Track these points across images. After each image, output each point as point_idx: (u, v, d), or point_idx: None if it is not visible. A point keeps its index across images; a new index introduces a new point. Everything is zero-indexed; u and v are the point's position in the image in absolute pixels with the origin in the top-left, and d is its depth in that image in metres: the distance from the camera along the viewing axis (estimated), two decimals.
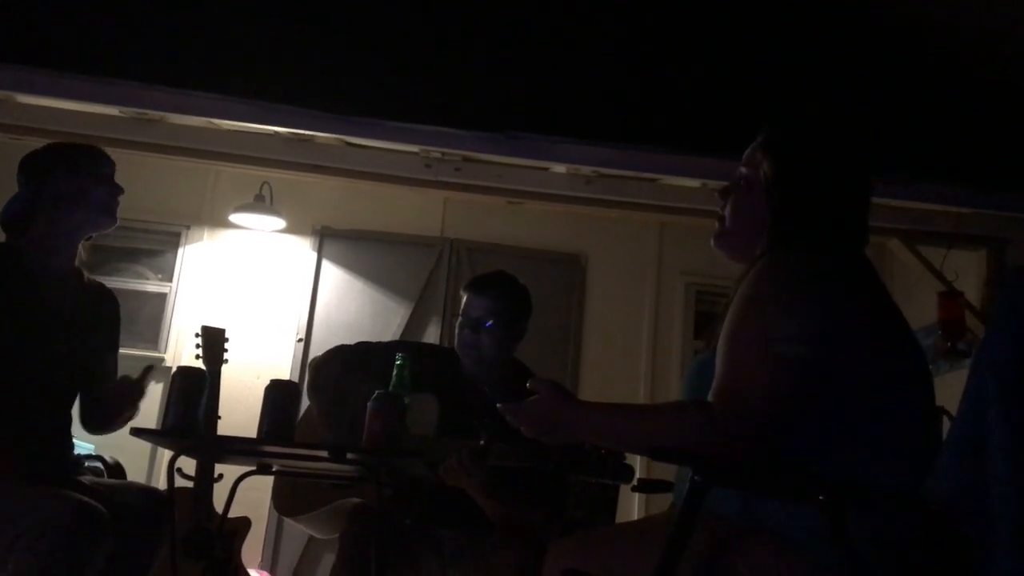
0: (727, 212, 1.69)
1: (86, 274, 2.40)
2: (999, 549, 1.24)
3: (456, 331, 2.61)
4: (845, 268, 1.52)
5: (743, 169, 1.66)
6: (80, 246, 2.37)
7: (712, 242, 1.71)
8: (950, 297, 4.13)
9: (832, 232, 1.56)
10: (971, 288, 4.27)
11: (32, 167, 2.32)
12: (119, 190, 2.37)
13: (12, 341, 2.17)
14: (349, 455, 1.95)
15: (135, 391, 2.34)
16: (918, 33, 3.89)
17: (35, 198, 2.27)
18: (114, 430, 2.38)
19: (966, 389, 1.33)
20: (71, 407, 2.34)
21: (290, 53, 3.65)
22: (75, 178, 2.28)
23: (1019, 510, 1.26)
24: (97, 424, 2.39)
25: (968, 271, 4.32)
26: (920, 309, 4.37)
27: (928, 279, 4.25)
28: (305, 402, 2.97)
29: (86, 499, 1.94)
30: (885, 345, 1.47)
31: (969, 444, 1.29)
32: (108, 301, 2.46)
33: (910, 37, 3.89)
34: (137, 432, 1.97)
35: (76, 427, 2.39)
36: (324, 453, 1.92)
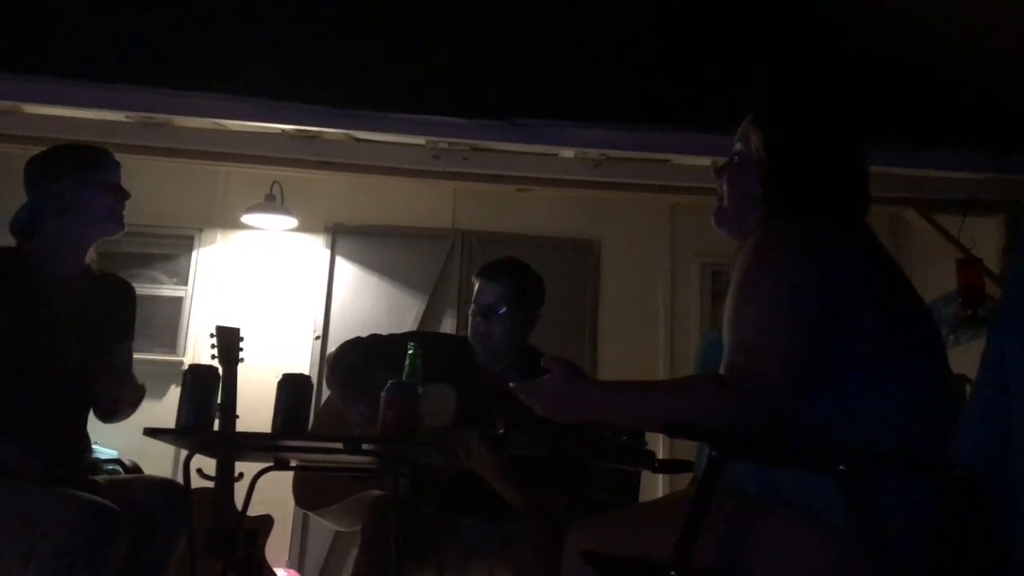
0: (724, 190, 1.70)
1: (95, 267, 2.39)
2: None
3: (469, 319, 2.59)
4: (840, 235, 1.50)
5: (737, 145, 1.67)
6: (91, 250, 2.37)
7: (712, 220, 1.73)
8: (968, 264, 4.08)
9: (825, 201, 1.55)
10: (989, 255, 4.21)
11: (36, 174, 2.31)
12: (125, 195, 2.35)
13: (24, 346, 2.18)
14: (364, 446, 1.94)
15: None
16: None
17: (41, 208, 2.27)
18: (126, 416, 2.37)
19: (984, 356, 1.31)
20: (87, 408, 2.34)
21: (292, 49, 3.64)
22: (78, 188, 2.27)
23: None
24: (107, 411, 2.37)
25: (985, 238, 4.27)
26: (939, 278, 4.32)
27: (945, 247, 4.20)
28: (322, 396, 2.96)
29: (99, 499, 1.94)
30: (890, 310, 1.45)
31: (991, 410, 1.27)
32: (120, 289, 2.44)
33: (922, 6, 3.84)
34: (151, 432, 1.96)
35: (99, 433, 2.40)
36: (339, 445, 1.91)
